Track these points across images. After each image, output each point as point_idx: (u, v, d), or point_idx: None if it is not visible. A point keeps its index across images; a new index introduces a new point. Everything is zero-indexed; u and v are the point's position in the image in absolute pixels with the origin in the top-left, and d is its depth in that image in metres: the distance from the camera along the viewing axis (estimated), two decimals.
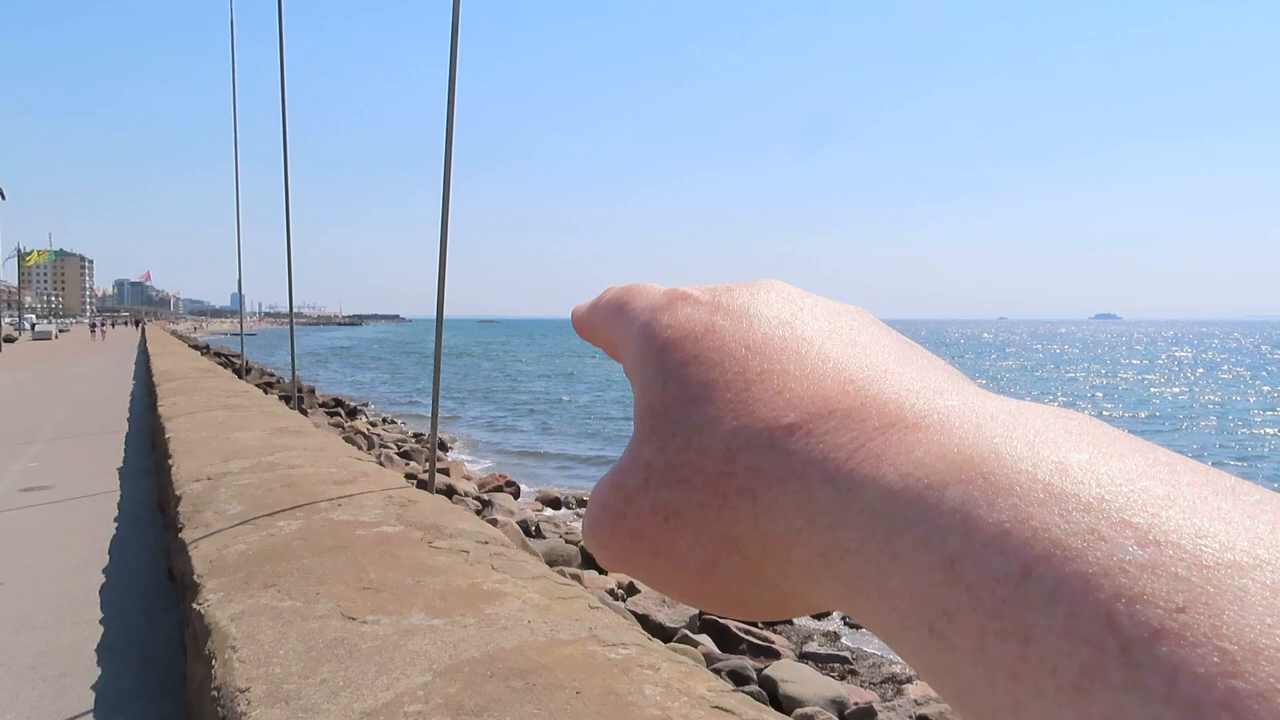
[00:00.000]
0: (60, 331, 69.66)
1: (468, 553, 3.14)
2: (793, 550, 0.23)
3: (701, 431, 0.26)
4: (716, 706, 1.93)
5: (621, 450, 0.29)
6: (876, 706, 5.46)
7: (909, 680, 6.40)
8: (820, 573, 0.23)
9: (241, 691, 2.11)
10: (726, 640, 6.49)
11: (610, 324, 0.33)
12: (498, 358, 68.33)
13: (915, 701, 5.78)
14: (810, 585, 0.24)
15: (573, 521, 11.30)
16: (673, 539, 0.26)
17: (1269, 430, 27.70)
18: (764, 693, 5.19)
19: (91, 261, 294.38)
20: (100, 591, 4.90)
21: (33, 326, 68.01)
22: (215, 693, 2.22)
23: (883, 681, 6.45)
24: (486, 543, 3.31)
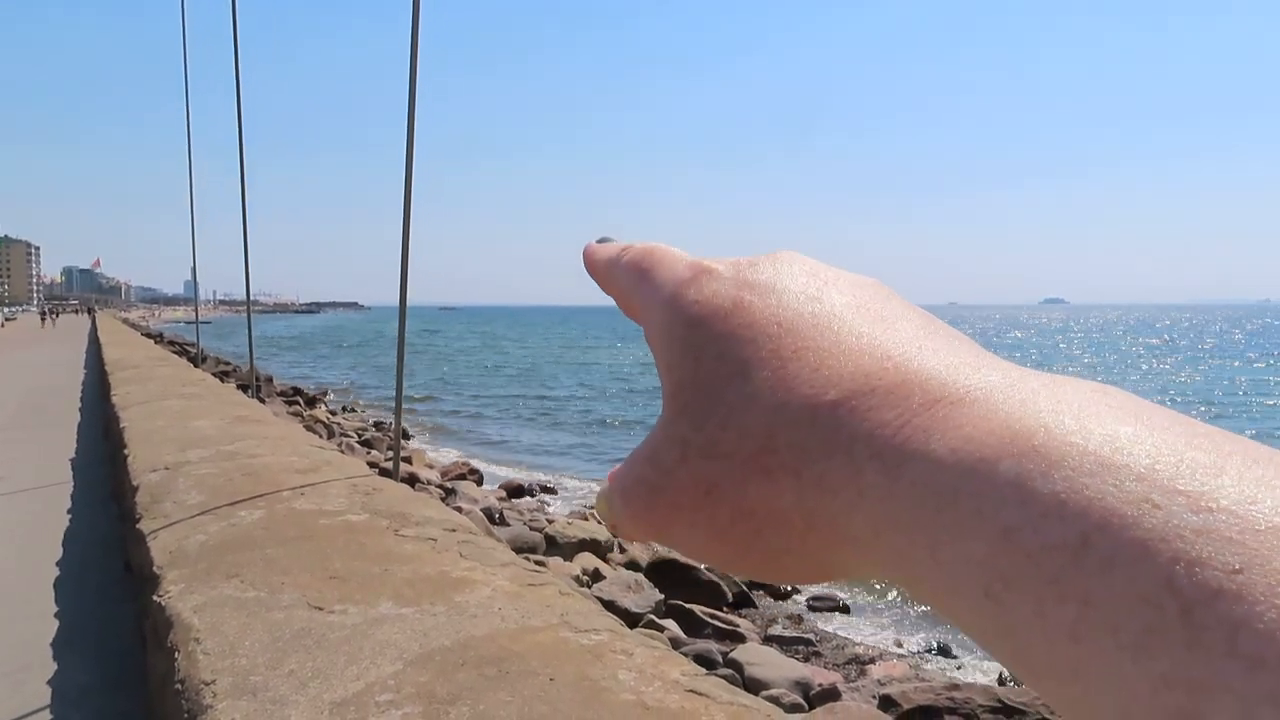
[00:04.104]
0: (7, 320, 67.92)
1: (435, 540, 3.11)
2: (839, 522, 0.24)
3: (740, 409, 0.26)
4: (691, 690, 1.93)
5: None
6: (840, 687, 5.53)
7: (871, 661, 6.49)
8: (869, 544, 0.24)
9: (206, 684, 2.07)
10: (692, 625, 6.53)
11: (631, 288, 0.33)
12: (463, 346, 67.90)
13: (878, 681, 5.87)
14: (856, 555, 0.25)
15: (535, 510, 11.27)
16: (713, 512, 0.27)
17: None
18: (737, 676, 5.22)
19: (38, 248, 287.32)
20: (55, 584, 4.79)
21: None
22: (179, 686, 2.17)
23: (846, 663, 6.53)
24: (454, 530, 3.28)
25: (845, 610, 8.13)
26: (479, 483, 12.45)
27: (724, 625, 6.63)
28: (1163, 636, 0.17)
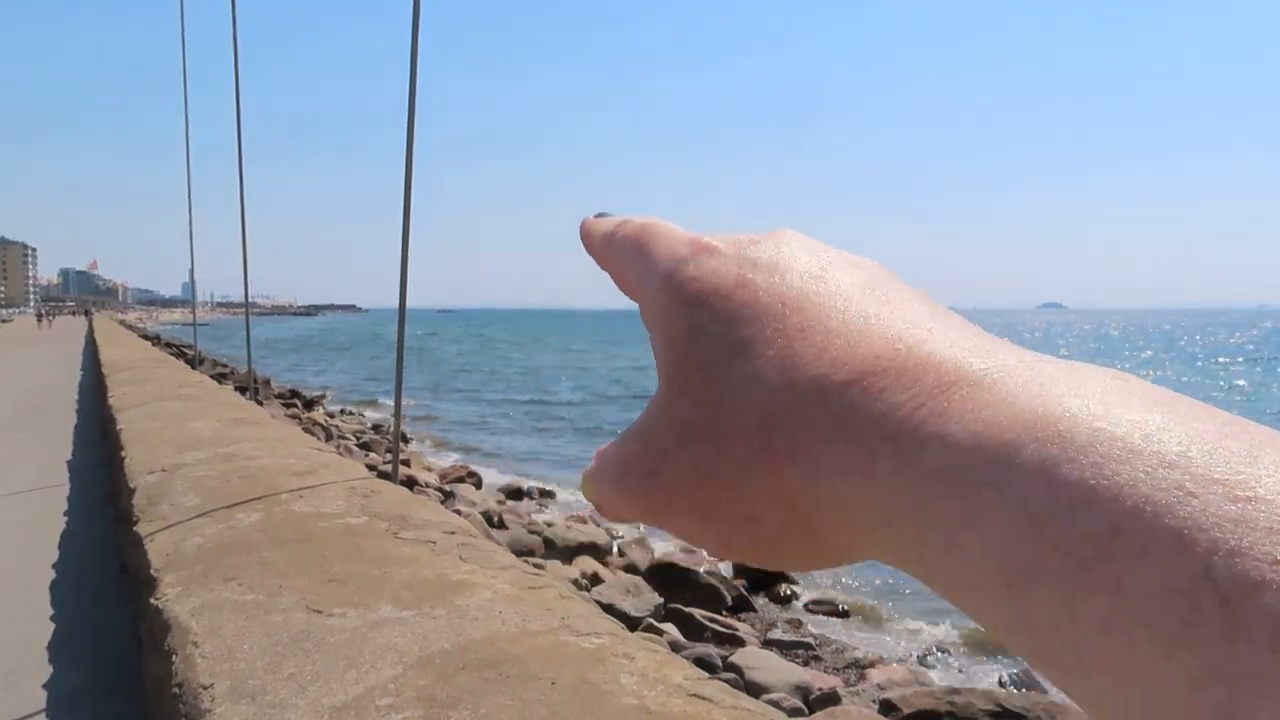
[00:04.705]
0: (3, 322, 67.90)
1: (434, 543, 3.09)
2: (848, 507, 0.23)
3: (743, 389, 0.25)
4: (694, 694, 1.91)
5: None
6: (840, 691, 5.51)
7: (871, 665, 6.47)
8: (879, 530, 0.23)
9: (204, 688, 2.05)
10: (691, 628, 6.51)
11: (627, 263, 0.32)
12: (461, 349, 67.95)
13: (878, 686, 5.85)
14: (862, 540, 0.24)
15: (536, 513, 11.25)
16: (714, 495, 0.26)
17: None
18: (740, 680, 5.21)
19: (35, 250, 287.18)
20: (50, 587, 4.76)
21: None
22: (177, 689, 2.15)
23: (846, 667, 6.51)
24: (453, 533, 3.26)
25: (845, 614, 8.12)
26: (477, 486, 12.43)
27: (723, 629, 6.61)
28: (1200, 629, 0.16)
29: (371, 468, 8.64)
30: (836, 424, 0.23)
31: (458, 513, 7.72)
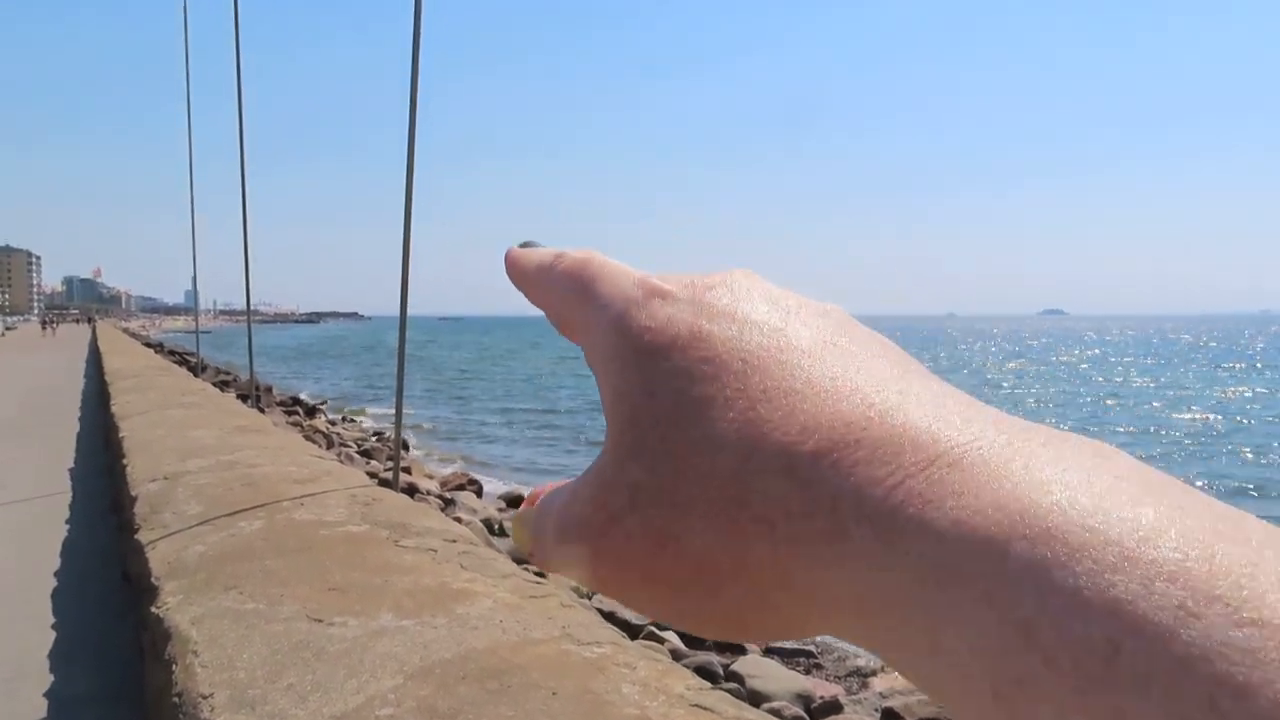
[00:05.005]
0: (8, 329, 68.03)
1: (435, 551, 3.09)
2: (818, 586, 0.22)
3: (702, 452, 0.23)
4: (695, 705, 1.91)
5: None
6: (842, 699, 5.50)
7: (874, 673, 6.45)
8: (852, 613, 0.21)
9: (204, 698, 2.05)
10: (692, 636, 6.49)
11: (567, 302, 0.30)
12: (462, 357, 68.00)
13: (880, 694, 5.83)
14: (832, 622, 0.22)
15: None
16: (670, 565, 0.24)
17: None
18: (742, 688, 5.19)
19: (39, 257, 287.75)
20: (52, 595, 4.76)
21: None
22: (177, 699, 2.15)
23: (848, 675, 6.49)
24: (454, 541, 3.26)
25: None
26: (478, 494, 12.41)
27: None
28: None
29: (372, 475, 8.64)
30: (807, 498, 0.22)
31: (458, 521, 7.71)
